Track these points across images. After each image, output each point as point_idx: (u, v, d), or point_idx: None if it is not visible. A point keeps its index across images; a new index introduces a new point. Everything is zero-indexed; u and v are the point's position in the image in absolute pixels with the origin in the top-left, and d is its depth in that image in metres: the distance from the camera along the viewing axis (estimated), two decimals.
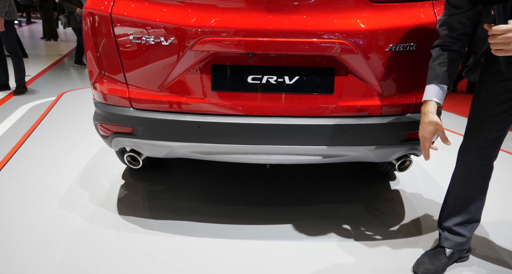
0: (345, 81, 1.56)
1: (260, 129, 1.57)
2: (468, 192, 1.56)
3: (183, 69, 1.53)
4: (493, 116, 1.42)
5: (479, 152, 1.49)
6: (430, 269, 1.55)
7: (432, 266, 1.55)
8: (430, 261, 1.57)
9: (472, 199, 1.56)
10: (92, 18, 1.52)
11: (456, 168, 1.59)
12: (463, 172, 1.56)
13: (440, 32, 1.41)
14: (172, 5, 1.49)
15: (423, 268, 1.55)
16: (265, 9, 1.47)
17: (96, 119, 1.69)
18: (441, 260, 1.57)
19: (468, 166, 1.53)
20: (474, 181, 1.54)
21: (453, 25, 1.36)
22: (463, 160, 1.55)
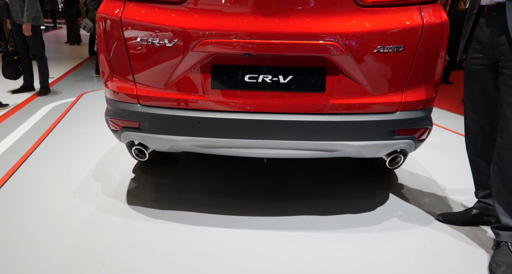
0: (336, 80, 1.66)
1: (256, 124, 1.69)
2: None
3: (185, 68, 1.67)
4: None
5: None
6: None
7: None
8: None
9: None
10: (104, 22, 1.68)
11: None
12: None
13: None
14: (176, 9, 1.63)
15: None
16: (260, 13, 1.59)
17: (107, 114, 1.84)
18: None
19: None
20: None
21: None
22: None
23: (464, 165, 2.71)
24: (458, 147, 3.20)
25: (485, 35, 1.66)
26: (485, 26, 1.65)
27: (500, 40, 1.59)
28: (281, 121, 1.67)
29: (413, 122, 1.73)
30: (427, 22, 1.61)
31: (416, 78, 1.69)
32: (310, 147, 1.74)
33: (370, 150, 1.76)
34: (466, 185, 2.36)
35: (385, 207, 2.13)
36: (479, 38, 1.69)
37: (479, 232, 1.90)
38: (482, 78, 1.73)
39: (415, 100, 1.72)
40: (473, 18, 1.70)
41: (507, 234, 1.62)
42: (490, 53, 1.66)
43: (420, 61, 1.66)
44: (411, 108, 1.73)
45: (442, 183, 2.48)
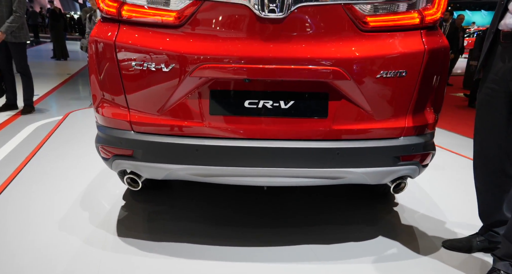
0: (338, 105, 1.61)
1: (256, 152, 1.61)
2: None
3: (183, 94, 1.59)
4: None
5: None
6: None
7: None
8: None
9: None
10: (96, 46, 1.60)
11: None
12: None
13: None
14: (173, 33, 1.56)
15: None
16: (261, 37, 1.54)
17: (98, 141, 1.74)
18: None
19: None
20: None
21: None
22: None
23: (463, 186, 2.70)
24: (457, 167, 3.18)
25: (501, 65, 1.60)
26: (501, 55, 1.59)
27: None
28: (283, 148, 1.60)
29: (417, 148, 1.68)
30: (429, 47, 1.58)
31: (419, 102, 1.65)
32: (313, 174, 1.67)
33: (374, 177, 1.70)
34: (468, 207, 2.31)
35: (388, 233, 2.06)
36: (495, 68, 1.63)
37: (487, 259, 1.84)
38: (496, 110, 1.66)
39: (419, 125, 1.68)
40: (490, 38, 1.63)
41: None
42: (504, 86, 1.59)
43: (422, 86, 1.62)
44: (415, 133, 1.68)
45: (443, 205, 2.43)
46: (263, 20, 1.51)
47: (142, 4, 1.56)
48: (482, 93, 1.70)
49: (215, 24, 1.55)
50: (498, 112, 1.65)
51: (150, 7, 1.56)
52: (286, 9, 1.49)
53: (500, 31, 1.57)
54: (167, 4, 1.55)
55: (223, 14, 1.53)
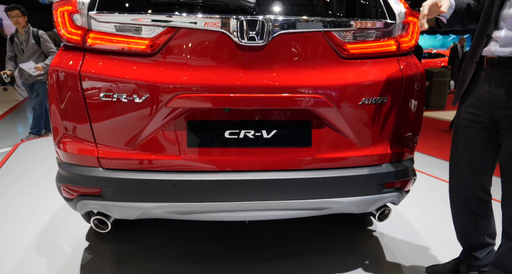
0: (322, 133, 1.57)
1: (239, 185, 1.52)
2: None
3: (157, 126, 1.48)
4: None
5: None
6: None
7: None
8: None
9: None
10: (59, 76, 1.45)
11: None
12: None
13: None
14: (146, 62, 1.46)
15: None
16: (241, 65, 1.47)
17: (60, 181, 1.55)
18: None
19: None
20: None
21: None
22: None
23: (438, 208, 2.73)
24: (433, 190, 3.23)
25: (485, 91, 1.51)
26: (486, 81, 1.50)
27: (502, 98, 1.45)
28: (268, 180, 1.52)
29: (400, 174, 1.67)
30: (406, 73, 1.61)
31: (400, 128, 1.66)
32: (299, 206, 1.60)
33: (361, 206, 1.65)
34: (446, 230, 2.34)
35: (371, 262, 2.01)
36: (478, 93, 1.54)
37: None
38: (475, 136, 1.59)
39: (400, 150, 1.68)
40: (473, 66, 1.54)
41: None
42: (488, 111, 1.52)
43: (402, 111, 1.63)
44: (397, 159, 1.68)
45: (421, 229, 2.44)
46: (242, 48, 1.46)
47: (110, 32, 1.44)
48: (461, 117, 1.64)
49: (191, 52, 1.46)
50: (476, 138, 1.60)
51: (120, 35, 1.45)
52: (266, 36, 1.45)
53: (483, 57, 1.51)
54: (139, 31, 1.44)
55: (200, 42, 1.46)
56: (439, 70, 8.24)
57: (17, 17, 4.20)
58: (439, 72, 7.99)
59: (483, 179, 1.65)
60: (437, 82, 7.87)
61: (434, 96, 7.93)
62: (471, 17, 1.60)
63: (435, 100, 7.97)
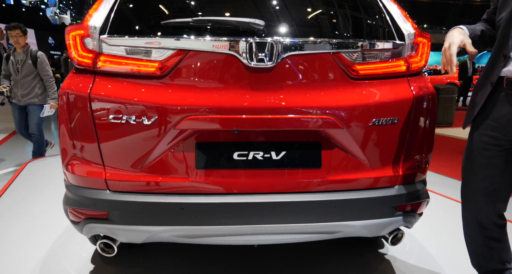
0: (332, 155, 1.54)
1: (247, 208, 1.49)
2: None
3: (166, 147, 1.46)
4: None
5: None
6: None
7: None
8: None
9: None
10: (69, 99, 1.45)
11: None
12: None
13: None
14: (155, 84, 1.46)
15: None
16: (250, 86, 1.47)
17: (67, 203, 1.53)
18: None
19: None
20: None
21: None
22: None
23: (450, 229, 2.65)
24: (444, 210, 3.15)
25: (505, 113, 1.44)
26: (506, 102, 1.43)
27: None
28: (278, 202, 1.49)
29: (413, 196, 1.63)
30: (417, 93, 1.59)
31: (412, 148, 1.62)
32: (310, 230, 1.56)
33: (373, 229, 1.61)
34: (459, 252, 2.26)
35: None
36: (497, 115, 1.47)
37: None
38: (492, 160, 1.51)
39: (413, 171, 1.64)
40: (488, 88, 1.48)
41: None
42: (508, 134, 1.45)
43: (414, 132, 1.61)
44: (410, 180, 1.64)
45: (434, 251, 2.36)
46: (251, 70, 1.46)
47: (120, 55, 1.46)
48: (476, 140, 1.56)
49: (200, 74, 1.47)
50: (494, 162, 1.51)
51: (130, 58, 1.46)
52: (275, 58, 1.45)
53: (503, 78, 1.44)
54: (149, 54, 1.46)
55: (209, 64, 1.46)
56: (445, 86, 8.22)
57: (17, 37, 4.06)
58: (446, 88, 7.97)
59: (499, 205, 1.56)
60: (444, 99, 7.83)
61: (441, 112, 7.88)
62: (486, 43, 1.58)
63: (442, 117, 7.91)
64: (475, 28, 1.54)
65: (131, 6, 1.60)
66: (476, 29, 1.54)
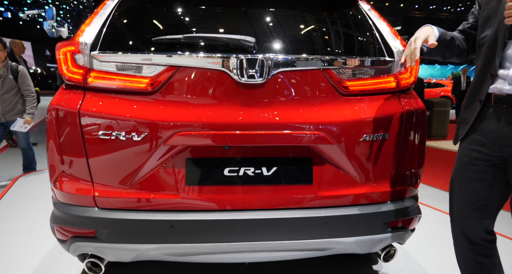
0: (323, 170, 1.54)
1: (239, 225, 1.47)
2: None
3: (156, 164, 1.45)
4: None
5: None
6: None
7: None
8: None
9: None
10: (58, 115, 1.44)
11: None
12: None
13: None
14: (146, 100, 1.46)
15: None
16: (241, 102, 1.47)
17: (54, 221, 1.50)
18: None
19: None
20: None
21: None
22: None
23: (441, 242, 2.62)
24: (438, 223, 3.14)
25: (493, 129, 1.43)
26: (494, 119, 1.43)
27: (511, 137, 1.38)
28: (267, 219, 1.47)
29: (405, 212, 1.62)
30: (407, 109, 1.60)
31: (403, 164, 1.62)
32: (301, 247, 1.54)
33: (365, 246, 1.59)
34: (453, 266, 2.23)
35: None
36: (485, 130, 1.46)
37: None
38: (480, 175, 1.49)
39: (404, 187, 1.64)
40: (478, 105, 1.47)
41: None
42: (496, 150, 1.44)
43: (405, 147, 1.61)
44: (401, 196, 1.63)
45: (430, 268, 2.34)
46: (242, 86, 1.46)
47: (111, 71, 1.46)
48: (464, 155, 1.54)
49: (191, 90, 1.47)
50: (482, 177, 1.49)
51: (121, 74, 1.46)
52: (266, 74, 1.45)
53: (490, 95, 1.44)
54: (140, 70, 1.46)
55: (200, 80, 1.46)
56: (439, 99, 8.29)
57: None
58: (440, 101, 8.04)
59: (487, 221, 1.53)
60: (438, 112, 7.89)
61: (435, 125, 7.92)
62: (453, 50, 1.58)
63: (437, 130, 7.95)
64: (446, 33, 1.56)
65: (123, 22, 1.61)
66: (448, 34, 1.56)
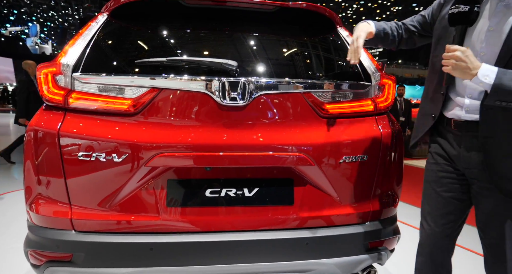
0: (304, 191, 1.55)
1: (220, 246, 1.46)
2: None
3: (136, 185, 1.44)
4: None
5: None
6: None
7: None
8: None
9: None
10: (37, 136, 1.42)
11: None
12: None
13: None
14: (127, 122, 1.46)
15: None
16: (222, 124, 1.49)
17: (28, 245, 1.46)
18: None
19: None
20: None
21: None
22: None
23: None
24: (417, 242, 3.17)
25: (455, 154, 1.47)
26: (454, 143, 1.47)
27: (472, 161, 1.40)
28: (248, 241, 1.47)
29: (385, 232, 1.64)
30: (384, 131, 1.64)
31: (382, 185, 1.66)
32: (281, 269, 1.53)
33: (346, 267, 1.59)
34: None
35: None
36: (448, 152, 1.49)
37: None
38: (446, 191, 1.51)
39: (383, 208, 1.66)
40: (431, 121, 1.52)
41: None
42: (461, 167, 1.46)
43: (383, 169, 1.65)
44: (381, 216, 1.66)
45: None
46: (224, 108, 1.48)
47: (93, 92, 1.46)
48: (432, 170, 1.57)
49: (173, 112, 1.48)
50: (447, 194, 1.51)
51: (102, 95, 1.46)
52: (248, 97, 1.48)
53: (450, 120, 1.47)
54: (122, 91, 1.46)
55: (182, 102, 1.48)
56: None
57: None
58: None
59: (451, 234, 1.55)
60: None
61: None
62: (385, 43, 1.70)
63: (419, 149, 8.06)
64: (383, 29, 1.65)
65: (106, 43, 1.62)
66: (383, 30, 1.65)
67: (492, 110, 1.31)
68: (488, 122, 1.33)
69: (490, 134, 1.33)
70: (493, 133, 1.33)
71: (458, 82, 1.44)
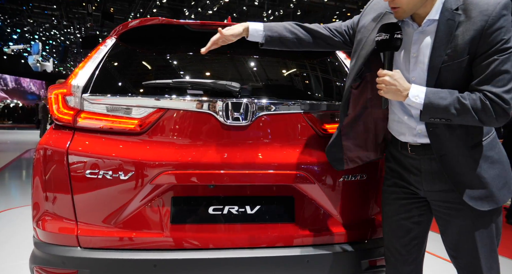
0: (304, 209, 1.59)
1: (222, 263, 1.48)
2: None
3: (141, 203, 1.48)
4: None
5: None
6: None
7: None
8: None
9: None
10: (46, 154, 1.47)
11: None
12: None
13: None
14: (134, 140, 1.51)
15: None
16: (226, 143, 1.54)
17: (34, 262, 1.48)
18: None
19: None
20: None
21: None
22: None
23: None
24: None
25: (416, 179, 1.40)
26: (413, 167, 1.40)
27: (435, 184, 1.35)
28: (250, 258, 1.50)
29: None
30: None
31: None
32: None
33: None
34: None
35: None
36: (409, 176, 1.42)
37: None
38: (408, 213, 1.45)
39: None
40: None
41: None
42: (421, 193, 1.41)
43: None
44: (380, 235, 1.68)
45: None
46: (227, 127, 1.54)
47: (101, 112, 1.52)
48: (388, 191, 1.50)
49: (178, 131, 1.53)
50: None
51: (110, 115, 1.52)
52: (250, 117, 1.54)
53: (406, 144, 1.40)
54: (129, 112, 1.52)
55: (187, 122, 1.54)
56: None
57: None
58: None
59: (415, 254, 1.50)
60: None
61: None
62: (285, 46, 1.56)
63: None
64: (277, 35, 1.52)
65: (115, 65, 1.69)
66: (279, 37, 1.52)
67: (438, 128, 1.30)
68: (438, 141, 1.31)
69: (444, 152, 1.31)
70: (446, 150, 1.30)
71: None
